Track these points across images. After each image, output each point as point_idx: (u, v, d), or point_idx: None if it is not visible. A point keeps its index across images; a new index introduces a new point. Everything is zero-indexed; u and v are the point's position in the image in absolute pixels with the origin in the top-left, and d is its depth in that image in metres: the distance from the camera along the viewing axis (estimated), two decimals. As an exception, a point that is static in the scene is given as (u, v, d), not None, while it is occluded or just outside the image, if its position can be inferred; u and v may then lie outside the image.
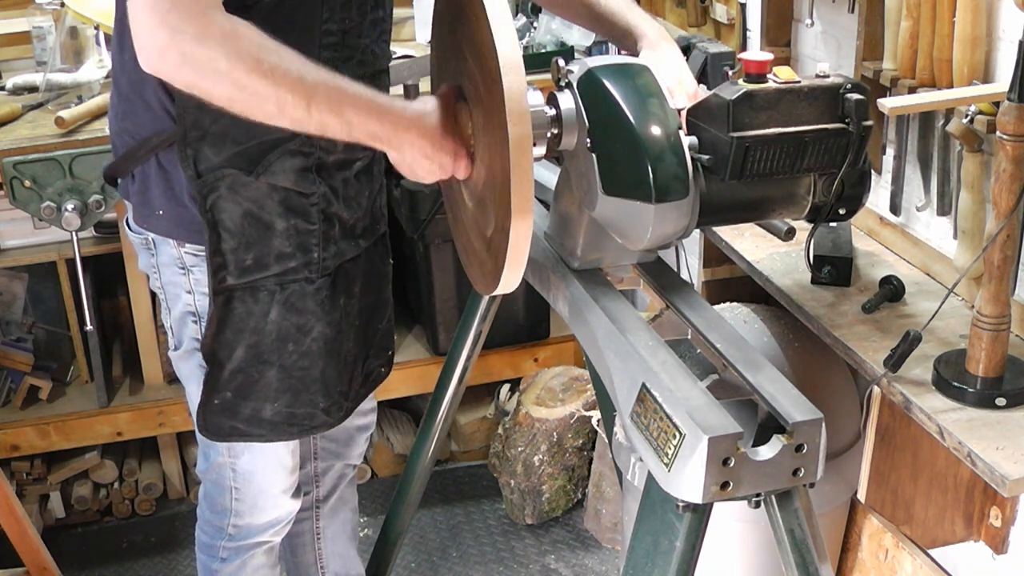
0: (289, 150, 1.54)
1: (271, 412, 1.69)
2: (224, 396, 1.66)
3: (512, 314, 2.87)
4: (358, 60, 1.56)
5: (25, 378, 2.74)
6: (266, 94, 1.30)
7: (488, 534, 2.79)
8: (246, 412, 1.68)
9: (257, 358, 1.64)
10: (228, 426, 1.69)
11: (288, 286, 1.62)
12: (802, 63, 2.19)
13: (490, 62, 1.31)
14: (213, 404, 1.67)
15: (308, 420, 1.72)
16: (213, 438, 1.72)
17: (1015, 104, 1.36)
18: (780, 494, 1.33)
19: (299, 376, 1.68)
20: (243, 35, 1.29)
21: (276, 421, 1.70)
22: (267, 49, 1.30)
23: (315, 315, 1.65)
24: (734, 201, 1.47)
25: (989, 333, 1.47)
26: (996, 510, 1.79)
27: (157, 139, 1.56)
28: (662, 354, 1.39)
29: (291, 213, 1.58)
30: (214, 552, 1.90)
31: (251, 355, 1.64)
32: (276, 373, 1.66)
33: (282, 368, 1.66)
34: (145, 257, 1.70)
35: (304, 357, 1.67)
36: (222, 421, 1.69)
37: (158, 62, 1.30)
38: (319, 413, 1.73)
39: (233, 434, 1.71)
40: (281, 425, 1.71)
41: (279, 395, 1.68)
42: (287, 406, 1.69)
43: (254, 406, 1.68)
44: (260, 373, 1.66)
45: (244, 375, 1.65)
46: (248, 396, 1.67)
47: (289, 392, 1.68)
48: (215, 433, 1.71)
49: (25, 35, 2.73)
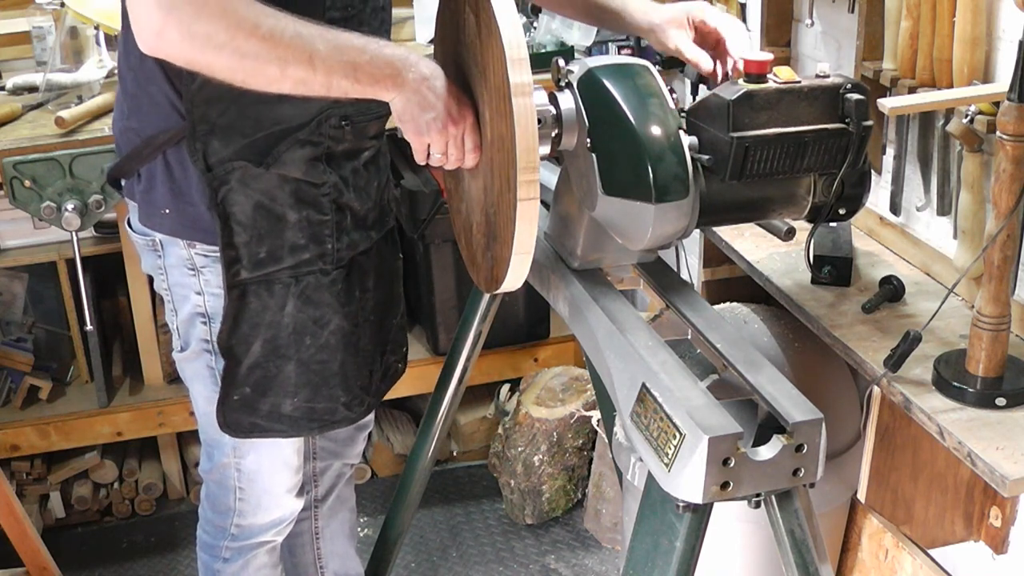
0: (298, 140, 1.55)
1: (291, 407, 1.68)
2: (243, 392, 1.66)
3: (512, 314, 2.87)
4: None
5: (25, 378, 2.74)
6: (268, 57, 1.31)
7: (488, 534, 2.79)
8: (265, 408, 1.68)
9: (274, 352, 1.64)
10: (248, 422, 1.69)
11: (303, 278, 1.61)
12: (802, 63, 2.19)
13: (498, 79, 1.32)
14: (232, 400, 1.66)
15: (329, 415, 1.72)
16: (234, 435, 1.71)
17: (1015, 104, 1.36)
18: (780, 494, 1.33)
19: (318, 370, 1.67)
20: (238, 5, 1.30)
21: (296, 416, 1.70)
22: (264, 13, 1.31)
23: (331, 307, 1.65)
24: (734, 201, 1.47)
25: (989, 333, 1.47)
26: (996, 510, 1.79)
27: (164, 136, 1.56)
28: (662, 354, 1.39)
29: (303, 204, 1.58)
30: (216, 552, 1.90)
31: (268, 349, 1.63)
32: (294, 367, 1.66)
33: (300, 362, 1.66)
34: (151, 259, 1.70)
35: (322, 351, 1.66)
36: (242, 417, 1.68)
37: (157, 42, 1.31)
38: (340, 408, 1.72)
39: (254, 430, 1.70)
40: (301, 420, 1.70)
41: (298, 389, 1.68)
42: (307, 401, 1.69)
43: (273, 401, 1.67)
44: (278, 368, 1.65)
45: (262, 370, 1.65)
46: (267, 391, 1.66)
47: (308, 386, 1.68)
48: (235, 429, 1.70)
49: (25, 35, 2.73)
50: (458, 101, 1.42)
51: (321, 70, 1.34)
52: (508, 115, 1.29)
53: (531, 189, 1.30)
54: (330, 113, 1.56)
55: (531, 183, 1.30)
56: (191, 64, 1.33)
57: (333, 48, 1.34)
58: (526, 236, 1.34)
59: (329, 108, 1.55)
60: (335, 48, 1.34)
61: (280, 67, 1.32)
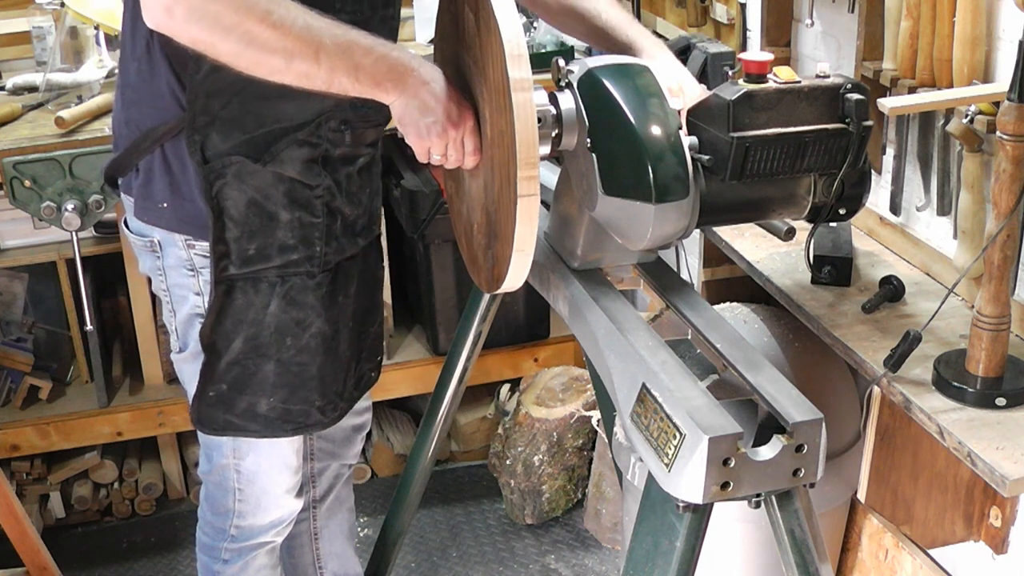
0: (297, 140, 1.55)
1: (266, 407, 1.69)
2: (220, 388, 1.66)
3: (512, 314, 2.87)
4: None
5: (25, 378, 2.74)
6: (274, 46, 1.31)
7: (488, 534, 2.79)
8: (241, 406, 1.68)
9: (255, 351, 1.64)
10: (222, 419, 1.69)
11: (289, 279, 1.62)
12: (802, 63, 2.19)
13: (498, 75, 1.32)
14: (208, 396, 1.67)
15: (304, 418, 1.72)
16: (207, 431, 1.71)
17: (1015, 104, 1.36)
18: (780, 494, 1.33)
19: (296, 372, 1.68)
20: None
21: (271, 417, 1.70)
22: (276, 1, 1.31)
23: (314, 310, 1.65)
24: (734, 201, 1.47)
25: (989, 333, 1.47)
26: (996, 510, 1.79)
27: (163, 128, 1.56)
28: (662, 354, 1.39)
29: (296, 205, 1.59)
30: (216, 553, 1.90)
31: (249, 347, 1.64)
32: (273, 367, 1.66)
33: (279, 362, 1.66)
34: (149, 260, 1.70)
35: (302, 352, 1.67)
36: (216, 414, 1.68)
37: (165, 18, 1.31)
38: (314, 411, 1.72)
39: (227, 428, 1.70)
40: (276, 421, 1.71)
41: (275, 390, 1.68)
42: (283, 402, 1.69)
43: (249, 400, 1.68)
44: (257, 366, 1.66)
45: (241, 367, 1.65)
46: (244, 389, 1.67)
47: (285, 387, 1.68)
48: (209, 426, 1.70)
49: (25, 35, 2.73)
50: (458, 104, 1.43)
51: (325, 66, 1.34)
52: (508, 111, 1.29)
53: (531, 185, 1.30)
54: (331, 115, 1.56)
55: (531, 179, 1.30)
56: (196, 43, 1.32)
57: (340, 45, 1.34)
58: (526, 233, 1.34)
59: (330, 110, 1.56)
60: (342, 46, 1.35)
61: (286, 59, 1.32)
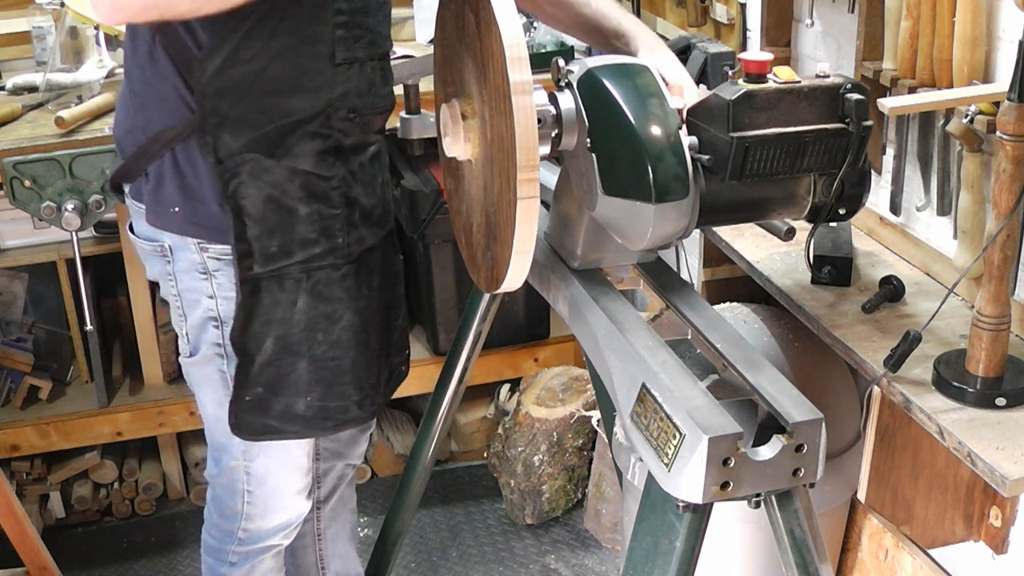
0: (308, 132, 1.55)
1: (304, 406, 1.68)
2: (255, 392, 1.65)
3: (512, 314, 2.87)
4: (368, 40, 1.58)
5: (25, 378, 2.74)
6: None
7: (488, 534, 2.79)
8: (278, 407, 1.67)
9: (287, 350, 1.64)
10: (260, 424, 1.68)
11: (314, 273, 1.62)
12: (802, 63, 2.19)
13: (498, 77, 1.32)
14: (244, 401, 1.66)
15: (342, 414, 1.72)
16: (247, 437, 1.70)
17: (1015, 104, 1.36)
18: (780, 494, 1.33)
19: (330, 367, 1.67)
20: None
21: (309, 416, 1.69)
22: None
23: (343, 303, 1.65)
24: (734, 201, 1.47)
25: (989, 333, 1.47)
26: (996, 510, 1.79)
27: (172, 132, 1.56)
28: (662, 354, 1.39)
29: (313, 198, 1.59)
30: (223, 556, 1.90)
31: (280, 347, 1.63)
32: (307, 365, 1.65)
33: (312, 359, 1.65)
34: (159, 265, 1.69)
35: (334, 347, 1.66)
36: (254, 419, 1.67)
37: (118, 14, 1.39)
38: (352, 406, 1.72)
39: (266, 432, 1.69)
40: (315, 419, 1.70)
41: (311, 388, 1.67)
42: (320, 399, 1.68)
43: (287, 401, 1.67)
44: (291, 366, 1.65)
45: (275, 368, 1.65)
46: (280, 391, 1.66)
47: (321, 384, 1.68)
48: (248, 432, 1.69)
49: (25, 35, 2.73)
50: None
51: None
52: (508, 114, 1.29)
53: (531, 188, 1.30)
54: (339, 105, 1.57)
55: (531, 182, 1.30)
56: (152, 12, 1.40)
57: None
58: (526, 235, 1.34)
59: (338, 99, 1.56)
60: None
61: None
